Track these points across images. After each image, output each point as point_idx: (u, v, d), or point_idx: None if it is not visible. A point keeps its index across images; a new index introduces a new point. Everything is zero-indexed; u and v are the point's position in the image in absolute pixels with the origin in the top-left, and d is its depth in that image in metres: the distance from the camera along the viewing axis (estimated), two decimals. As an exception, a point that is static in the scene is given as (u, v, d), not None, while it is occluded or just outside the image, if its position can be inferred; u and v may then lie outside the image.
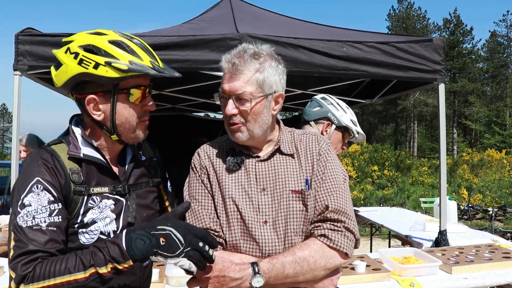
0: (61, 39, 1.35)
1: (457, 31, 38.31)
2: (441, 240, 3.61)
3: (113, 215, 1.32)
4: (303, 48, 3.24)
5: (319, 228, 1.36)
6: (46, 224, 1.18)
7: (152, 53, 1.33)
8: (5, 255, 2.93)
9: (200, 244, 1.14)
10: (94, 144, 1.34)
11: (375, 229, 7.37)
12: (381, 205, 10.34)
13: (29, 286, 1.10)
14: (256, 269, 1.27)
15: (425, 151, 35.57)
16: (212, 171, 1.47)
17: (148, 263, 1.45)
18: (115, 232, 1.32)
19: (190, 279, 1.27)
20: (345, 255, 1.35)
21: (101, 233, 1.29)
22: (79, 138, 1.34)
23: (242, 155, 1.46)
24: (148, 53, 1.31)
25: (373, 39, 3.53)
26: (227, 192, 1.42)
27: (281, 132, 1.52)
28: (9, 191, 5.89)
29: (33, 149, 3.91)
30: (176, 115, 6.23)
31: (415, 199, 13.95)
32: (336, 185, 1.42)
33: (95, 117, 1.31)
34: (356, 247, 1.41)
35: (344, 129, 2.36)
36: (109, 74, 1.23)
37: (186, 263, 1.14)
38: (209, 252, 1.16)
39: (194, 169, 1.50)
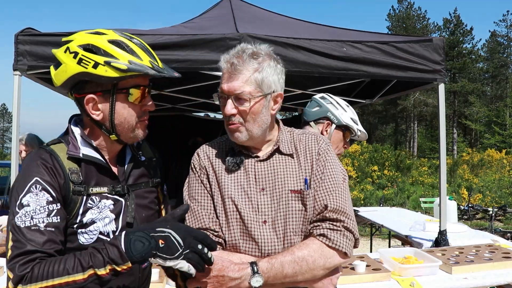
0: (60, 39, 1.35)
1: (457, 31, 38.30)
2: (441, 240, 3.61)
3: (112, 215, 1.32)
4: (303, 48, 3.24)
5: (318, 227, 1.36)
6: (44, 224, 1.17)
7: (151, 53, 1.33)
8: (5, 255, 2.92)
9: (199, 246, 1.13)
10: (93, 144, 1.34)
11: (375, 229, 7.37)
12: (381, 205, 10.34)
13: (27, 286, 1.09)
14: (255, 268, 1.27)
15: (425, 151, 35.55)
16: (211, 171, 1.47)
17: (147, 265, 1.45)
18: (114, 232, 1.31)
19: (189, 278, 1.27)
20: (344, 255, 1.35)
21: (100, 233, 1.29)
22: (78, 138, 1.34)
23: (241, 155, 1.46)
24: (147, 53, 1.31)
25: (373, 39, 3.52)
26: (226, 192, 1.42)
27: (281, 132, 1.52)
28: (9, 191, 5.87)
29: (33, 149, 3.90)
30: (176, 115, 6.22)
31: (415, 199, 13.95)
32: (335, 185, 1.41)
33: (94, 117, 1.30)
34: (355, 246, 1.40)
35: (344, 128, 2.32)
36: (108, 73, 1.23)
37: (185, 266, 1.13)
38: (208, 254, 1.15)
39: (193, 169, 1.50)
